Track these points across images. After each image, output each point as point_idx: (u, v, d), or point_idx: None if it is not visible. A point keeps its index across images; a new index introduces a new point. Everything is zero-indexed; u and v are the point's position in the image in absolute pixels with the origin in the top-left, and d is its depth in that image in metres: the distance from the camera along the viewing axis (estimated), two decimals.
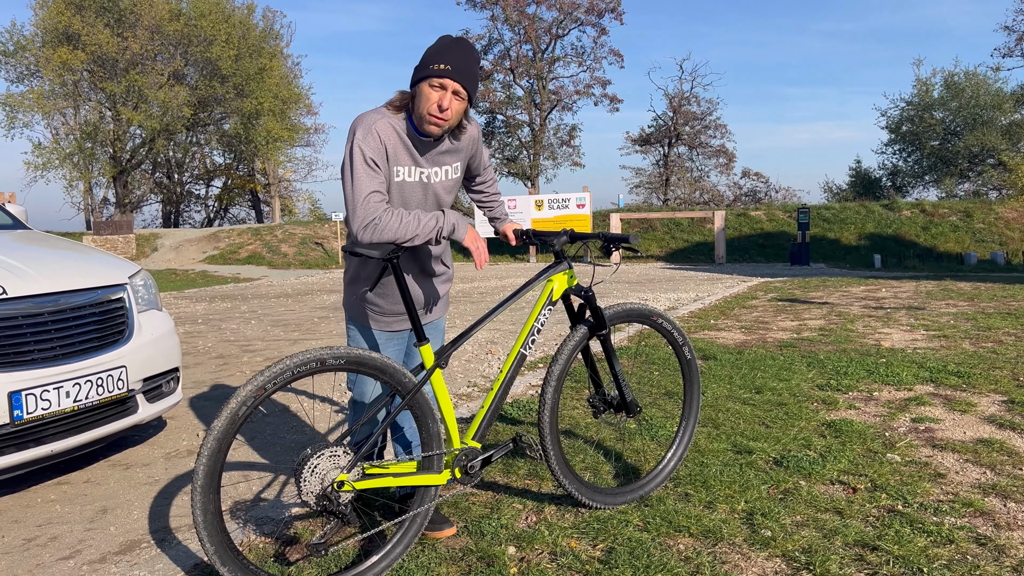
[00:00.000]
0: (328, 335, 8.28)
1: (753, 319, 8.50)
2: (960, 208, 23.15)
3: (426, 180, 2.66)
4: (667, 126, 40.19)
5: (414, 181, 2.64)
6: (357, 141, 2.50)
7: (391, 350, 2.92)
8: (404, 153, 2.59)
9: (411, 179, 2.63)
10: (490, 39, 37.91)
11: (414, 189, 2.65)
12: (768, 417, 4.26)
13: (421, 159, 2.63)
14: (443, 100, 2.47)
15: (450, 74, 2.45)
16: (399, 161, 2.58)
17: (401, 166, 2.59)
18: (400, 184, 2.61)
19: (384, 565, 2.53)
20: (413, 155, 2.61)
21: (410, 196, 2.65)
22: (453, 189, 2.80)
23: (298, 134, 34.43)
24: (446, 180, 2.73)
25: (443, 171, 2.71)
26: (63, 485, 3.65)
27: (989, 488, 3.15)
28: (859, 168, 39.55)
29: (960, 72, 34.92)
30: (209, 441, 2.18)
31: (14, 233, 4.36)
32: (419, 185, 2.65)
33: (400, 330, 2.92)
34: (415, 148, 2.61)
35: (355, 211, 2.44)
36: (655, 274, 16.87)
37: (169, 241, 25.15)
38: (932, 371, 5.30)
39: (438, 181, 2.70)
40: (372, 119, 2.54)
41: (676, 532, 2.80)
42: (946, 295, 10.48)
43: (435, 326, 3.04)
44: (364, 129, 2.51)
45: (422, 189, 2.67)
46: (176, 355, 4.19)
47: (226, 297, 13.62)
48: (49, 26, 27.09)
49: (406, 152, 2.59)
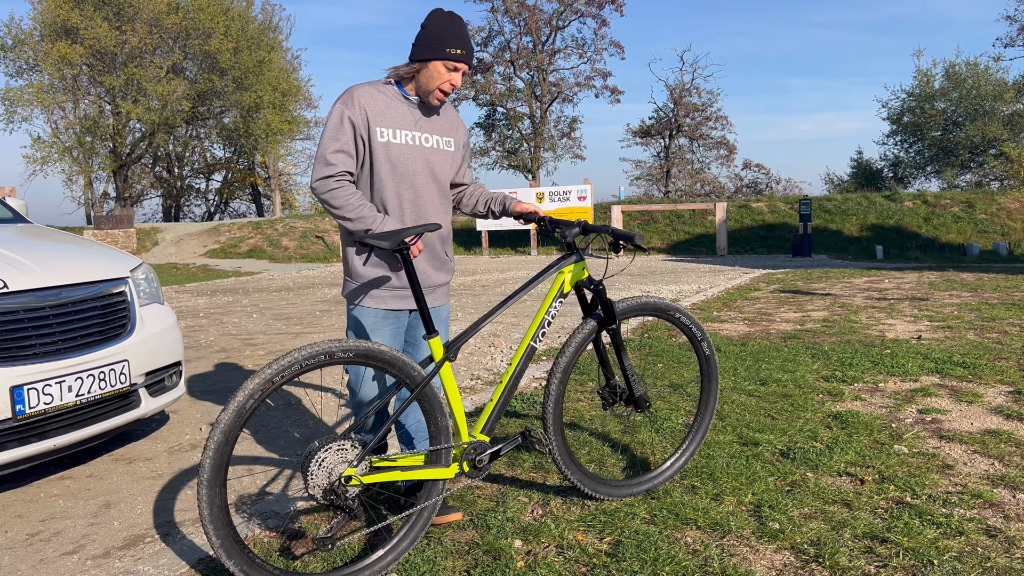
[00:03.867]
0: (330, 328, 8.26)
1: (756, 311, 8.48)
2: (962, 199, 23.08)
3: (413, 144, 2.74)
4: (668, 118, 40.09)
5: (402, 144, 2.71)
6: (336, 105, 2.67)
7: (387, 330, 2.85)
8: (390, 116, 2.69)
9: (397, 141, 2.71)
10: (490, 31, 37.81)
11: (404, 152, 2.71)
12: (774, 409, 4.24)
13: (409, 124, 2.73)
14: (455, 80, 2.68)
15: (465, 59, 2.66)
16: (382, 123, 2.67)
17: (385, 127, 2.68)
18: (386, 146, 2.68)
19: (391, 559, 2.51)
20: (403, 119, 2.72)
21: (396, 156, 2.70)
22: (448, 165, 2.85)
23: (298, 127, 34.32)
24: (439, 150, 2.82)
25: (434, 140, 2.80)
26: (66, 480, 3.63)
27: (998, 479, 3.13)
28: (861, 159, 39.47)
29: (961, 62, 34.83)
30: (216, 434, 2.16)
31: (15, 227, 4.33)
32: (407, 150, 2.72)
33: (395, 309, 2.84)
34: (404, 113, 2.73)
35: (318, 164, 2.64)
36: (657, 266, 16.83)
37: (170, 235, 25.13)
38: (937, 362, 5.28)
39: (429, 147, 2.78)
40: (355, 87, 2.70)
41: (683, 525, 2.78)
42: (949, 286, 10.46)
43: (436, 313, 2.98)
44: (345, 96, 2.68)
45: (410, 154, 2.73)
46: (178, 349, 4.17)
47: (227, 291, 13.60)
48: (48, 20, 26.98)
49: (393, 116, 2.70)
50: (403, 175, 2.73)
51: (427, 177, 2.78)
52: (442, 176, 2.84)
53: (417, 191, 2.77)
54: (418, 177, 2.75)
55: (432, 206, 2.83)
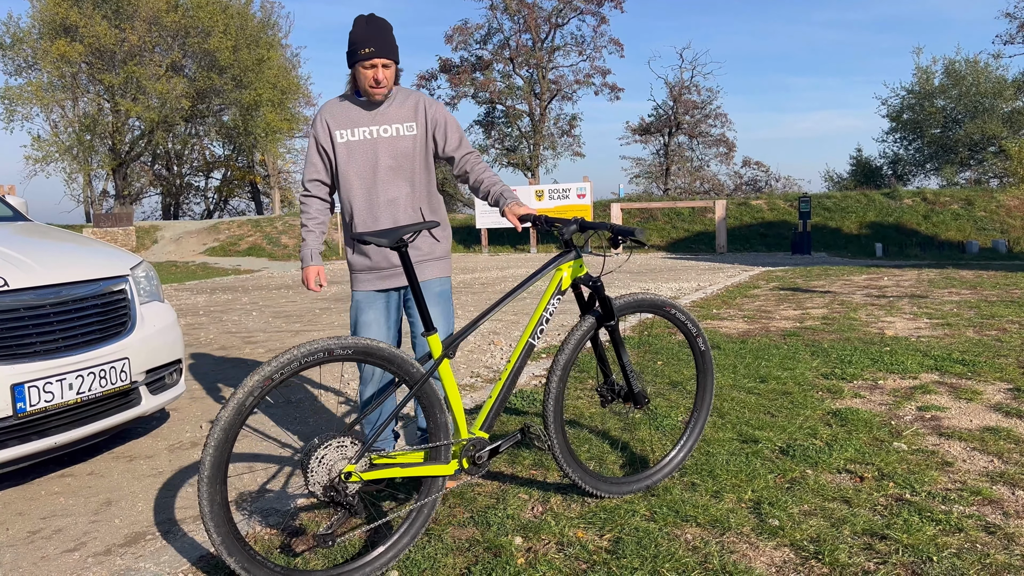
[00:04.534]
0: (330, 326, 8.27)
1: (756, 308, 8.48)
2: (962, 196, 23.09)
3: (372, 136, 3.09)
4: (667, 115, 40.05)
5: (360, 140, 3.09)
6: (312, 127, 3.18)
7: (376, 308, 3.18)
8: (346, 119, 3.10)
9: (356, 138, 3.09)
10: (489, 28, 37.77)
11: (360, 147, 3.09)
12: (773, 406, 4.24)
13: (367, 120, 3.09)
14: (376, 75, 2.98)
15: (375, 55, 2.95)
16: (341, 126, 3.09)
17: (343, 129, 3.09)
18: (345, 144, 3.09)
19: (391, 556, 2.52)
20: (359, 119, 3.10)
21: (356, 152, 3.09)
22: (412, 145, 3.12)
23: (297, 125, 34.29)
24: (399, 136, 3.10)
25: (393, 128, 3.10)
26: (67, 477, 3.64)
27: (997, 476, 3.13)
28: (860, 157, 39.42)
29: (961, 60, 34.77)
30: (216, 431, 2.16)
31: (15, 225, 4.34)
32: (366, 143, 3.09)
33: (380, 289, 3.17)
34: (359, 113, 3.10)
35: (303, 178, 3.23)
36: (656, 264, 16.84)
37: (169, 233, 25.12)
38: (937, 359, 5.28)
39: (388, 136, 3.09)
40: (323, 105, 3.18)
41: (683, 522, 2.78)
42: (948, 283, 10.46)
43: (426, 287, 3.17)
44: (315, 116, 3.15)
45: (370, 145, 3.09)
46: (179, 347, 4.18)
47: (227, 289, 13.60)
48: (46, 18, 26.92)
49: (350, 118, 3.10)
50: (364, 165, 3.09)
51: (390, 159, 3.09)
52: (407, 157, 3.12)
53: (378, 176, 3.10)
54: (379, 164, 3.09)
55: (397, 189, 3.12)
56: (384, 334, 3.21)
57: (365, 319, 3.18)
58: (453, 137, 3.16)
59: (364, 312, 3.19)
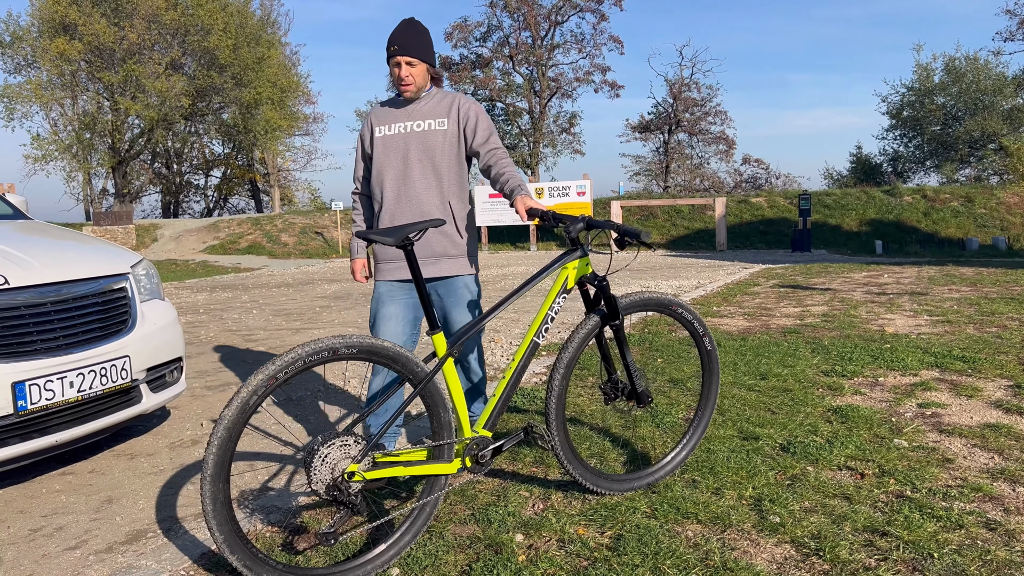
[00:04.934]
0: (330, 324, 8.27)
1: (756, 305, 8.48)
2: (961, 193, 23.08)
3: (405, 131, 3.28)
4: (667, 113, 40.03)
5: (394, 134, 3.28)
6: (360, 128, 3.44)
7: (400, 299, 3.30)
8: (386, 116, 3.32)
9: (391, 132, 3.28)
10: (489, 26, 37.70)
11: (393, 141, 3.28)
12: (774, 403, 4.25)
13: (402, 116, 3.29)
14: (401, 72, 3.20)
15: (399, 52, 3.17)
16: (380, 123, 3.32)
17: (382, 125, 3.31)
18: (382, 138, 3.30)
19: (392, 554, 2.52)
20: (395, 116, 3.30)
21: (390, 145, 3.29)
22: (442, 139, 3.26)
23: (297, 123, 34.28)
24: (430, 130, 3.27)
25: (426, 124, 3.27)
26: (68, 475, 3.64)
27: (998, 473, 3.14)
28: (860, 154, 39.43)
29: (961, 57, 34.78)
30: (219, 430, 2.16)
31: (15, 223, 4.33)
32: (399, 137, 3.28)
33: (403, 280, 3.29)
34: (397, 109, 3.31)
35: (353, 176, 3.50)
36: (656, 261, 16.84)
37: (169, 231, 25.11)
38: (937, 356, 5.29)
39: (420, 130, 3.27)
40: (372, 107, 3.49)
41: (684, 519, 2.79)
42: (948, 280, 10.46)
43: (448, 285, 3.28)
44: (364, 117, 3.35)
45: (403, 139, 3.28)
46: (179, 345, 4.18)
47: (227, 287, 13.60)
48: (46, 16, 26.92)
49: (390, 115, 3.32)
50: (396, 158, 3.27)
51: (420, 152, 3.26)
52: (436, 150, 3.26)
53: (409, 169, 3.25)
54: (411, 152, 3.26)
55: (425, 182, 3.26)
56: (400, 330, 3.28)
57: (385, 312, 3.30)
58: (482, 132, 3.28)
59: (384, 305, 3.30)
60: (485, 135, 3.28)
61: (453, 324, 3.34)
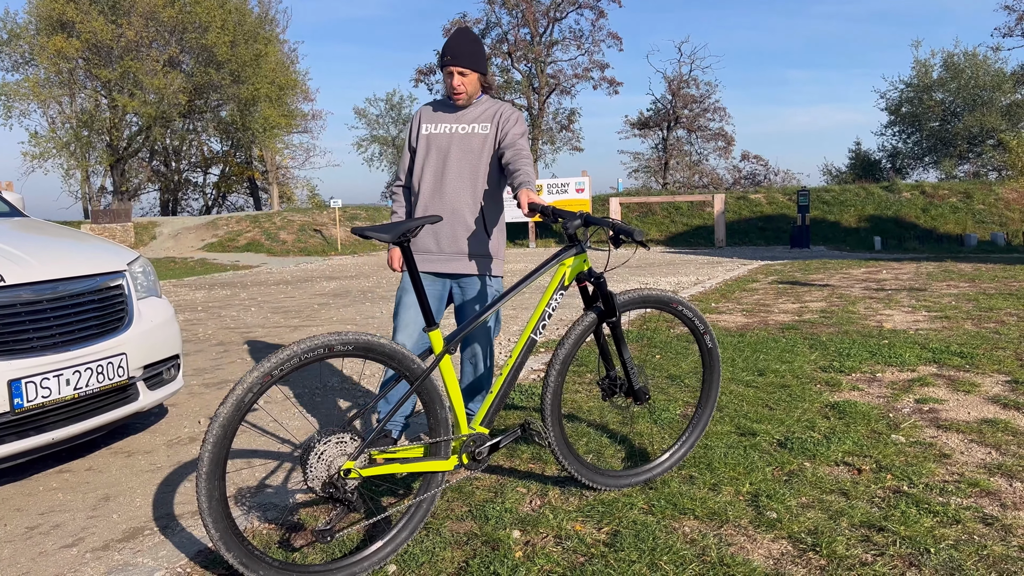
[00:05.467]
0: (328, 321, 8.26)
1: (754, 302, 8.48)
2: (960, 189, 23.08)
3: (450, 131, 3.41)
4: (666, 109, 40.00)
5: (439, 133, 3.42)
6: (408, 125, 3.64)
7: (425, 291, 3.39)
8: (434, 116, 3.47)
9: (436, 131, 3.43)
10: (487, 23, 37.62)
11: (437, 139, 3.42)
12: (771, 399, 4.25)
13: (450, 119, 3.44)
14: (453, 81, 3.32)
15: (451, 63, 3.29)
16: (428, 121, 3.47)
17: (429, 123, 3.46)
18: (427, 136, 3.45)
19: (389, 550, 2.52)
20: (443, 117, 3.45)
21: (433, 143, 3.43)
22: (481, 142, 3.39)
23: (295, 120, 34.23)
24: (473, 133, 3.40)
25: (470, 127, 3.40)
26: (65, 473, 3.64)
27: (995, 468, 3.14)
28: (859, 150, 39.43)
29: (960, 53, 34.78)
30: (214, 428, 2.16)
31: (11, 221, 4.32)
32: (444, 136, 3.42)
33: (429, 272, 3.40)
34: (446, 112, 3.46)
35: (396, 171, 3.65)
36: (655, 258, 16.84)
37: (167, 229, 25.08)
38: (935, 352, 5.29)
39: (463, 132, 3.40)
40: (421, 106, 3.59)
41: (681, 515, 2.79)
42: (947, 276, 10.47)
43: (467, 283, 3.40)
44: (413, 115, 3.57)
45: (446, 139, 3.41)
46: (176, 342, 4.17)
47: (225, 285, 13.59)
48: (43, 13, 26.86)
49: (436, 116, 3.47)
50: (437, 156, 3.40)
51: (460, 152, 3.37)
52: (475, 150, 3.38)
53: (447, 168, 3.37)
54: (451, 152, 3.38)
55: (461, 182, 3.37)
56: (419, 317, 3.37)
57: (407, 300, 3.42)
58: (512, 133, 3.37)
59: (407, 294, 3.43)
60: (516, 136, 3.37)
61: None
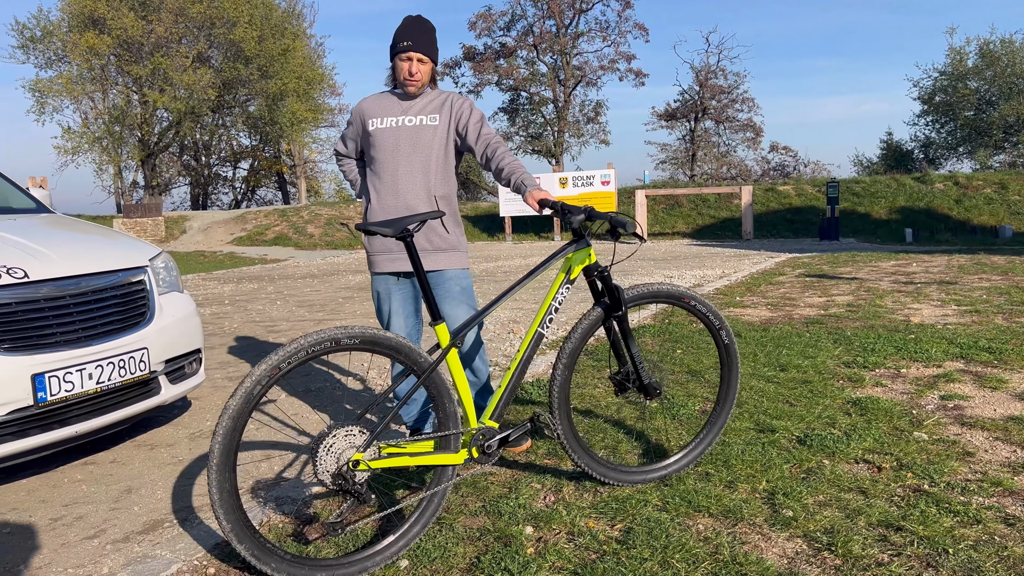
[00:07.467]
0: (352, 315, 8.32)
1: (780, 295, 8.39)
2: (995, 180, 22.59)
3: (397, 125, 3.31)
4: (693, 100, 39.62)
5: (386, 127, 3.31)
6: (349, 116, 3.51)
7: (400, 291, 3.40)
8: (378, 109, 3.35)
9: (383, 126, 3.32)
10: (513, 15, 37.55)
11: (384, 134, 3.32)
12: (792, 395, 4.19)
13: (396, 111, 3.32)
14: (411, 67, 3.22)
15: (411, 48, 3.20)
16: (373, 115, 3.34)
17: (375, 118, 3.33)
18: (374, 131, 3.33)
19: (401, 544, 2.53)
20: (389, 109, 3.33)
21: (381, 139, 3.32)
22: (431, 136, 3.31)
23: (322, 115, 34.43)
24: (422, 126, 3.31)
25: (418, 119, 3.31)
26: (90, 465, 3.70)
27: (1019, 467, 3.07)
28: (890, 141, 38.72)
29: (996, 40, 33.93)
30: (224, 420, 2.18)
31: (37, 217, 4.40)
32: (390, 131, 3.31)
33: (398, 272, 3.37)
34: (395, 104, 3.34)
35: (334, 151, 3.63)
36: (681, 251, 16.71)
37: (197, 223, 25.40)
38: (963, 347, 5.19)
39: (411, 125, 3.30)
40: (361, 100, 3.44)
41: (695, 512, 2.77)
42: (979, 269, 10.26)
43: (441, 277, 3.33)
44: (352, 109, 3.46)
45: (392, 134, 3.31)
46: (198, 336, 4.22)
47: (253, 278, 13.74)
48: (75, 11, 27.28)
49: (380, 108, 3.35)
50: (387, 151, 3.30)
51: (410, 147, 3.30)
52: (425, 143, 3.30)
53: (398, 163, 3.30)
54: (400, 147, 3.29)
55: (412, 177, 3.30)
56: (403, 323, 3.39)
57: (385, 309, 3.44)
58: (473, 126, 3.30)
59: (384, 303, 3.43)
60: (477, 128, 3.30)
61: (444, 317, 3.28)
